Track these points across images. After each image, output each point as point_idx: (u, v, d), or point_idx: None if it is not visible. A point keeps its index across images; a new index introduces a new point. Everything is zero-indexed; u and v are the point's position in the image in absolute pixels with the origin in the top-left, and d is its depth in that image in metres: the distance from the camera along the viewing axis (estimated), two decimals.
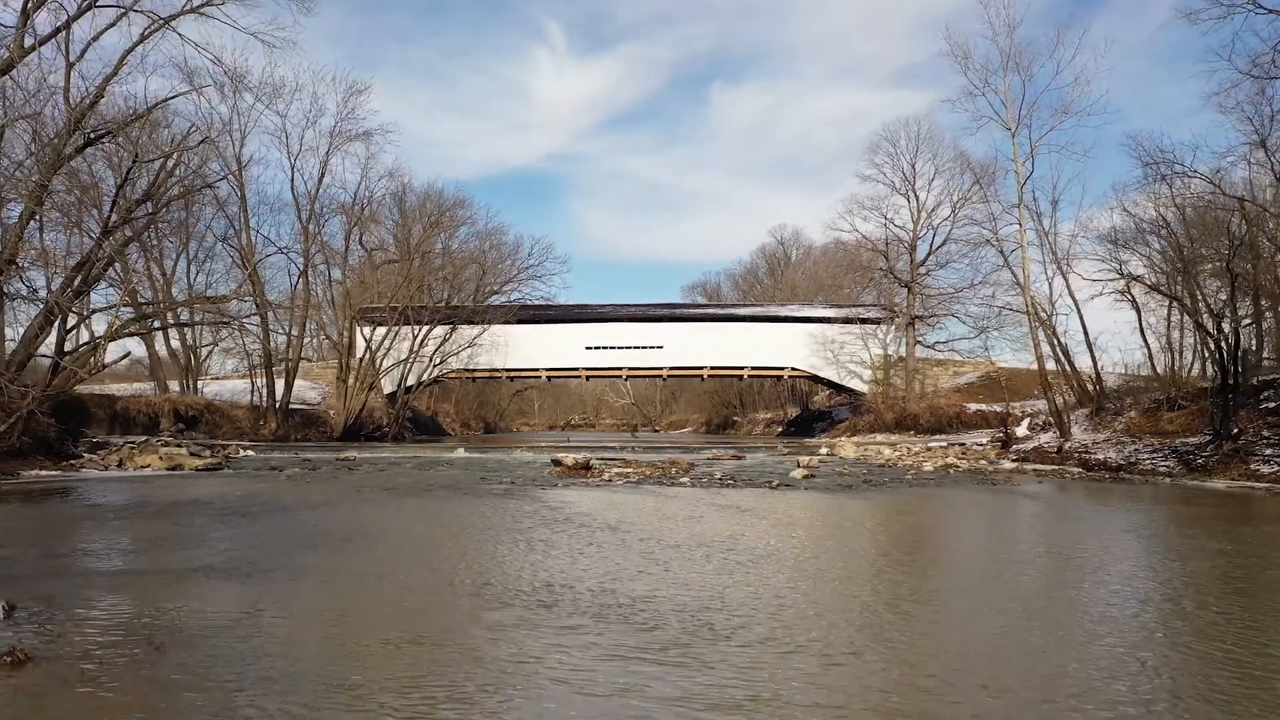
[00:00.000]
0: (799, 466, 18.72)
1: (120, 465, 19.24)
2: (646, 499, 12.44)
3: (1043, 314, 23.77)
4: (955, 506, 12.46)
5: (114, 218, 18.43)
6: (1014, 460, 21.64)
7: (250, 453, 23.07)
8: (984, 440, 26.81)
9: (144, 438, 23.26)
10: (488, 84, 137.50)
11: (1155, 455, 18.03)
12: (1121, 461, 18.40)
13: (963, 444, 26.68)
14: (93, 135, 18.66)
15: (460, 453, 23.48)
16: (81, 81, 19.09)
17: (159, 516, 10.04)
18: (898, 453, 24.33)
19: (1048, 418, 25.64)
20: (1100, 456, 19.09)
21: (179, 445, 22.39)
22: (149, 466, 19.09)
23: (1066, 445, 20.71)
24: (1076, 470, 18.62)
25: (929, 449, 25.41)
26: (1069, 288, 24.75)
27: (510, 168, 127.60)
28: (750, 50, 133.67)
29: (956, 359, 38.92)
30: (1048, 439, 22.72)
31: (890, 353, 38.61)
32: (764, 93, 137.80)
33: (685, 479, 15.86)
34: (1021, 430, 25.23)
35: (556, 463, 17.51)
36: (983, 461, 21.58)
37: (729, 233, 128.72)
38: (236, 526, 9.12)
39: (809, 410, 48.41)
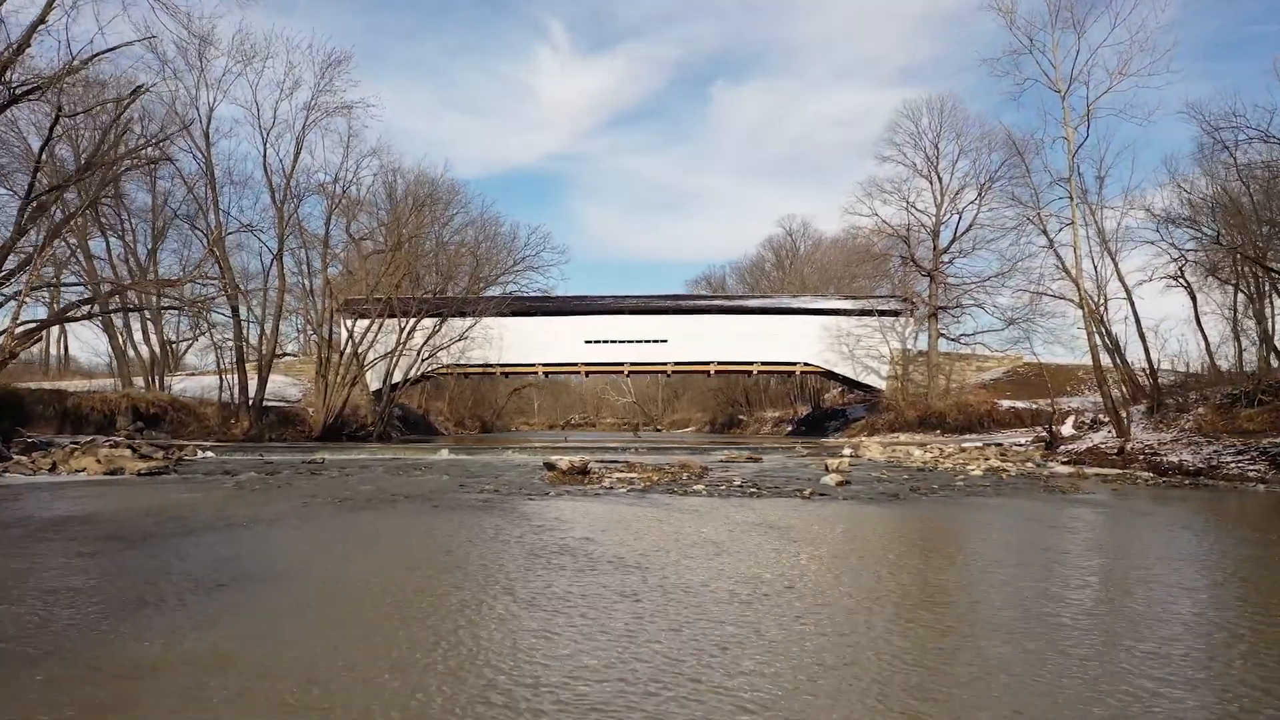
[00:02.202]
0: (828, 471, 16.34)
1: (53, 469, 16.86)
2: (659, 515, 10.04)
3: (1090, 301, 21.35)
4: (1042, 524, 10.03)
5: (38, 186, 16.00)
6: (1065, 463, 19.25)
7: (210, 454, 20.68)
8: (1023, 440, 24.41)
9: (90, 438, 20.88)
10: (490, 83, 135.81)
11: (1240, 458, 15.63)
12: (1200, 465, 16.00)
13: (999, 444, 24.29)
14: (18, 92, 16.30)
15: (444, 454, 21.09)
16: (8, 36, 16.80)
17: (12, 544, 7.63)
18: (930, 454, 21.92)
19: (1096, 415, 23.29)
20: (1173, 459, 16.69)
21: (129, 446, 20.06)
22: (85, 470, 16.71)
23: (1129, 446, 18.29)
24: (1146, 475, 16.21)
25: (963, 450, 23.02)
26: (1118, 272, 22.37)
27: (512, 167, 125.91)
28: (752, 49, 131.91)
29: (981, 354, 36.52)
30: (1101, 438, 20.30)
31: (909, 347, 36.25)
32: (766, 92, 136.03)
33: (699, 486, 13.47)
34: (1066, 429, 22.82)
35: (550, 467, 15.12)
36: (1029, 464, 19.19)
37: (731, 233, 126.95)
38: (101, 559, 6.73)
39: (821, 408, 46.01)
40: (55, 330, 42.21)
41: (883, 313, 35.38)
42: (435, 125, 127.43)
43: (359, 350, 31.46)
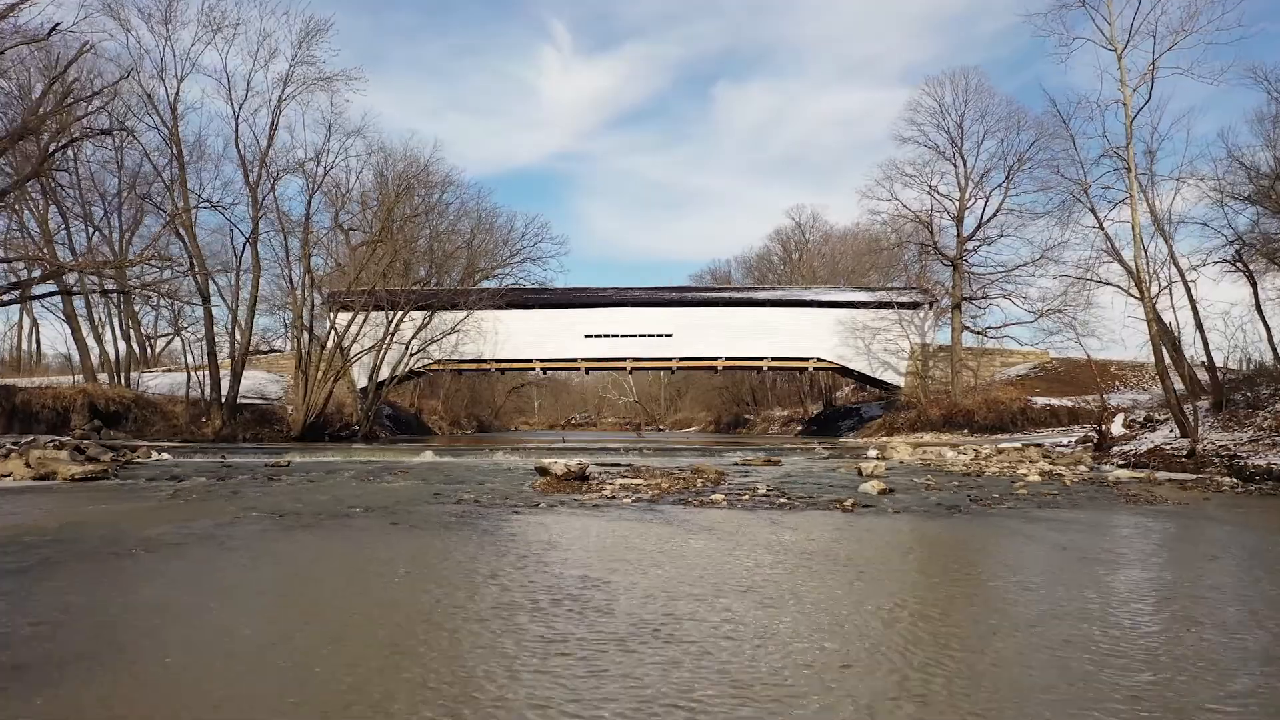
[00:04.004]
0: (863, 476, 14.25)
1: None
2: (678, 537, 7.91)
3: (1148, 287, 19.21)
4: (1174, 550, 7.92)
5: None
6: (1123, 466, 17.14)
7: (166, 455, 18.58)
8: (1065, 440, 22.29)
9: (32, 438, 18.77)
10: (494, 83, 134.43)
11: None
12: None
13: (1039, 445, 22.14)
14: None
15: (427, 456, 18.97)
16: None
17: None
18: (966, 456, 19.77)
19: (1149, 413, 21.17)
20: (1259, 462, 14.54)
21: (76, 447, 17.99)
22: (10, 475, 14.61)
23: (1200, 447, 16.15)
24: (1228, 481, 14.07)
25: (1001, 451, 20.85)
26: (1173, 255, 20.22)
27: (515, 166, 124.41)
28: (755, 49, 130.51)
29: (1005, 348, 34.35)
30: (1162, 439, 18.17)
31: (929, 341, 34.12)
32: (769, 92, 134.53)
33: (718, 495, 11.34)
34: (1115, 428, 20.68)
35: (542, 472, 12.99)
36: (1081, 467, 17.04)
37: (734, 233, 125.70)
38: None
39: (833, 406, 43.86)
40: (27, 323, 40.21)
41: (902, 305, 33.23)
42: (438, 125, 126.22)
43: (343, 344, 29.36)
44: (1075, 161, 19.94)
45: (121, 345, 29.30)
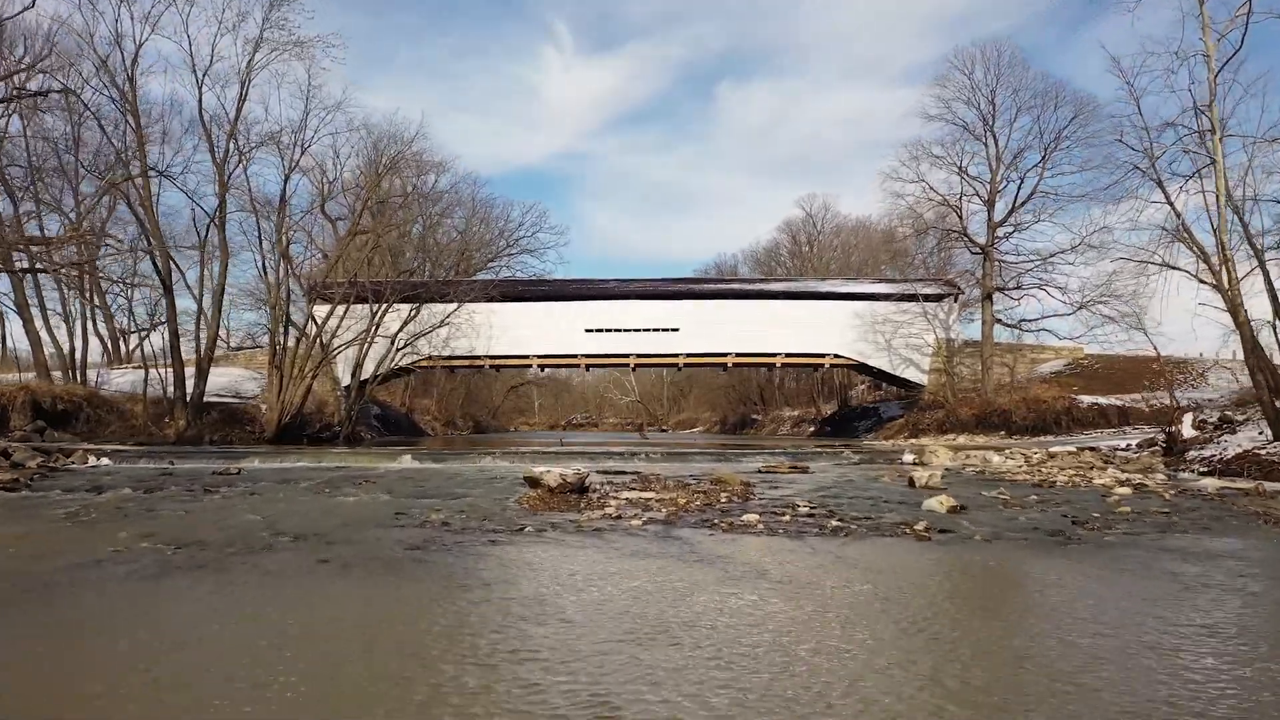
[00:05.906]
0: (919, 488, 11.97)
1: None
2: (716, 589, 5.57)
3: (1225, 272, 16.90)
4: None
5: None
6: (1207, 473, 14.82)
7: (105, 461, 16.26)
8: (1123, 443, 19.96)
9: None
10: (496, 83, 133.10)
11: None
12: None
13: (1095, 448, 19.81)
14: None
15: (404, 461, 16.64)
16: None
17: None
18: (1015, 461, 17.47)
19: (1223, 412, 18.83)
20: None
21: (2, 451, 15.73)
22: None
23: None
24: None
25: (1052, 455, 18.51)
26: (1248, 234, 17.87)
27: (518, 167, 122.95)
28: (758, 49, 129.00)
29: (1039, 343, 32.01)
30: (1249, 441, 15.81)
31: (954, 335, 31.81)
32: (772, 92, 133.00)
33: (752, 516, 8.99)
34: (1185, 430, 18.34)
35: (532, 483, 10.65)
36: (1157, 475, 14.74)
37: (737, 233, 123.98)
38: None
39: (849, 406, 41.50)
40: None
41: (927, 296, 30.89)
42: (442, 125, 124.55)
43: (323, 337, 27.03)
44: (1140, 128, 17.57)
45: (82, 340, 27.07)
